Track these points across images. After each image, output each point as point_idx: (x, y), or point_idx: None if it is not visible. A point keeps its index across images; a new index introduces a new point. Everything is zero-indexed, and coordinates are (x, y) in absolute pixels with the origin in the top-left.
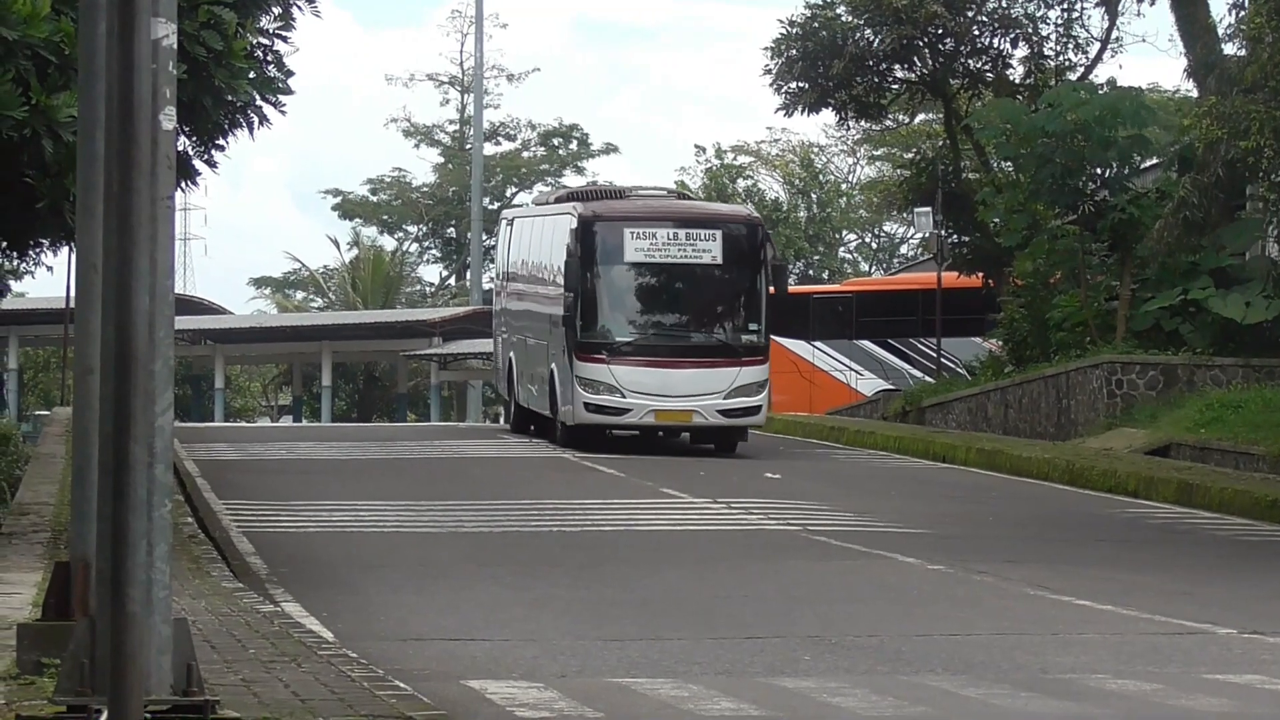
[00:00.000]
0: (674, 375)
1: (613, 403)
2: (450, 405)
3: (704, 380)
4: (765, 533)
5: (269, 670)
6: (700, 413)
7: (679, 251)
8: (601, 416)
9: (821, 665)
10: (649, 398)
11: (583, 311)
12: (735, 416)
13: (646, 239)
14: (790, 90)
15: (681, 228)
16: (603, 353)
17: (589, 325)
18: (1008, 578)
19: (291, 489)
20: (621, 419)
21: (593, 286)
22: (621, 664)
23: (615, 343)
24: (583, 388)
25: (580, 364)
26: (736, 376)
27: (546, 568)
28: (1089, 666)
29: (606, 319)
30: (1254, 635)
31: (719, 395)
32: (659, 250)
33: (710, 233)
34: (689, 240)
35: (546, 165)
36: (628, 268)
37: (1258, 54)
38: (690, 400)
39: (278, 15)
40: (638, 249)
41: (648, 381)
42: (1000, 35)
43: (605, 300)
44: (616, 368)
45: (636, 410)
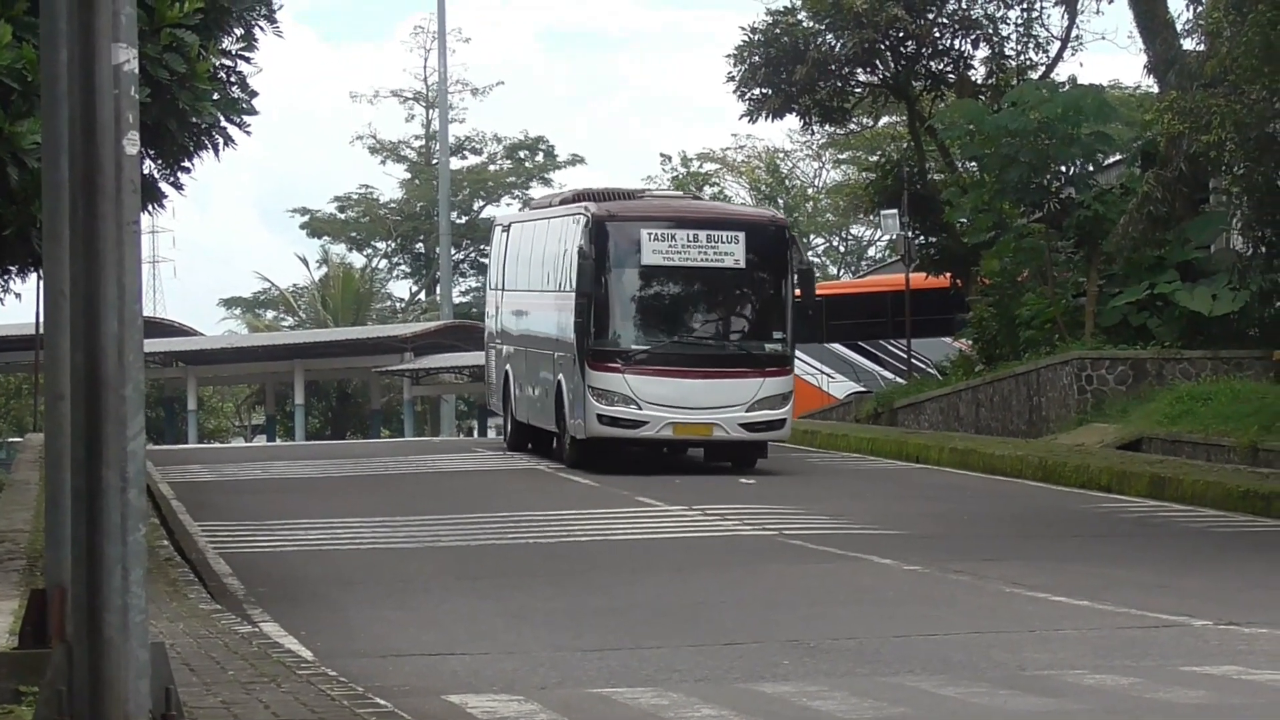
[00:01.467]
0: (693, 386)
1: (628, 415)
2: (424, 420)
3: (725, 391)
4: (741, 538)
5: (248, 691)
6: (721, 426)
7: (699, 254)
8: (615, 429)
9: (801, 669)
10: (666, 410)
11: (596, 318)
12: (758, 430)
13: (665, 241)
14: (754, 96)
15: (702, 229)
16: (617, 361)
17: (602, 332)
18: (984, 576)
19: (267, 508)
20: (637, 432)
21: (607, 291)
22: (601, 674)
23: (631, 351)
24: (596, 399)
25: (593, 373)
26: (760, 388)
27: (525, 579)
28: (1066, 662)
29: (621, 326)
30: (1230, 626)
31: (741, 408)
32: (678, 253)
33: (733, 235)
34: (710, 243)
35: (513, 178)
36: (645, 271)
37: (1217, 48)
38: (710, 413)
39: (240, 36)
40: (655, 251)
41: (665, 392)
42: (961, 36)
43: (620, 306)
44: (632, 377)
45: (653, 423)
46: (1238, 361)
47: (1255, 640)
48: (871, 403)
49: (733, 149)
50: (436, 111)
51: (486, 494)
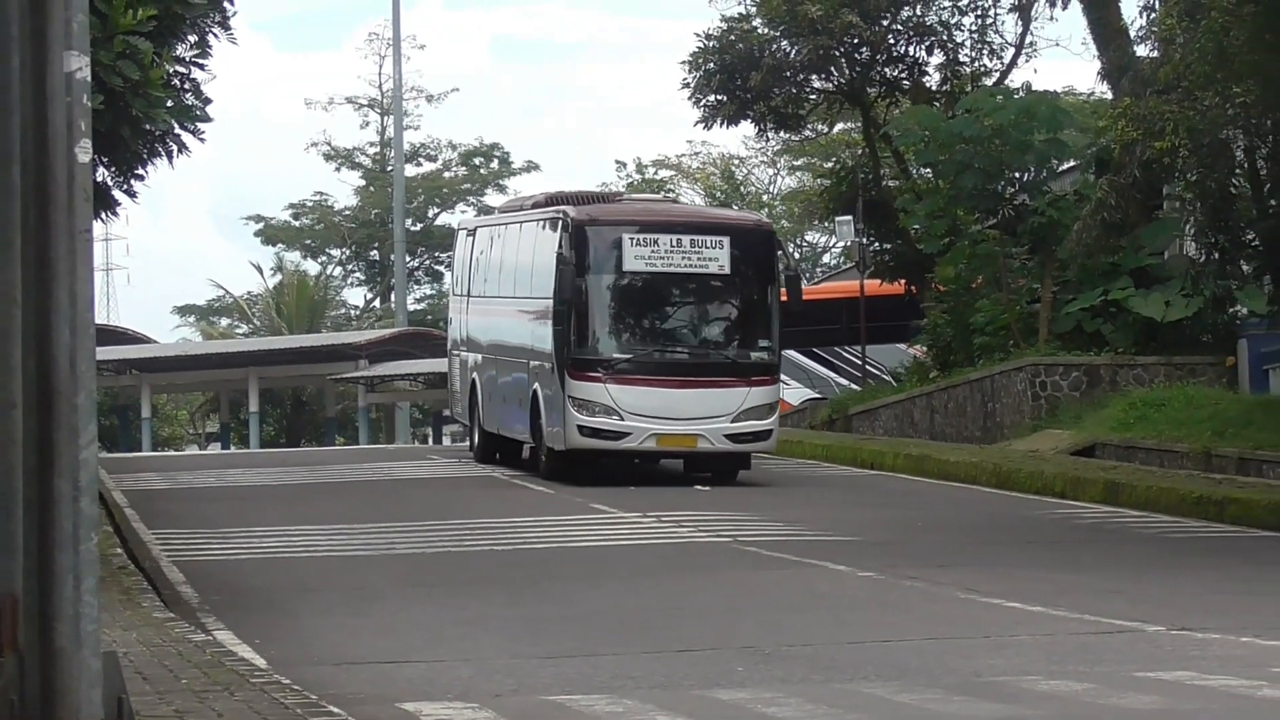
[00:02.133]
0: (677, 396)
1: (609, 425)
2: (379, 427)
3: (710, 401)
4: (696, 545)
5: (202, 700)
6: (706, 437)
7: (683, 260)
8: (596, 441)
9: (756, 676)
10: (650, 420)
11: (576, 325)
12: (744, 441)
13: (647, 246)
14: (709, 103)
15: (686, 234)
16: (598, 371)
17: (583, 341)
18: (938, 582)
19: (222, 516)
20: (619, 444)
21: (587, 298)
22: (557, 681)
23: (612, 360)
24: (576, 409)
25: (573, 383)
26: (745, 398)
27: (480, 587)
28: (1021, 668)
29: (603, 334)
30: (1183, 632)
31: (726, 418)
32: (661, 258)
33: (717, 239)
34: (694, 248)
35: (468, 185)
36: (626, 277)
37: (1170, 55)
38: (695, 424)
39: (194, 43)
40: (638, 257)
41: (648, 403)
42: (916, 43)
43: (601, 313)
44: (614, 387)
45: (636, 434)
46: (1191, 367)
47: (1208, 645)
48: (826, 409)
49: (688, 156)
50: (391, 118)
51: (442, 501)
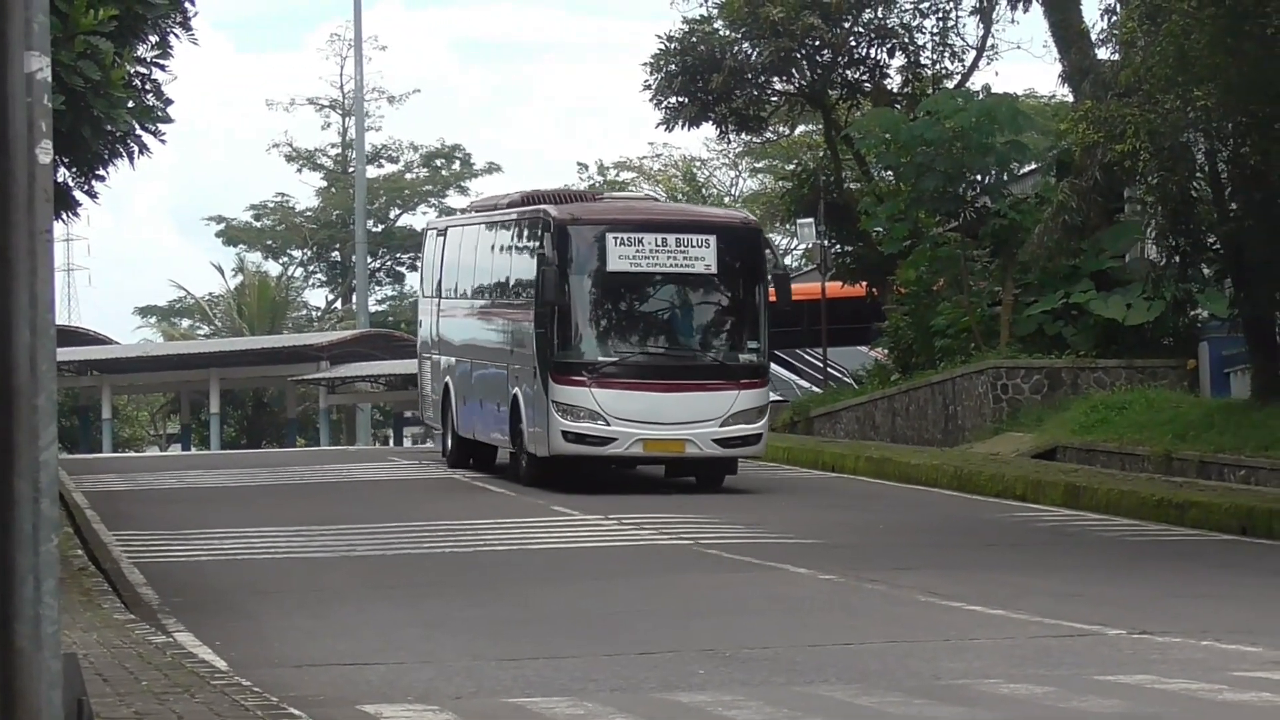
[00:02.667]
0: (664, 400)
1: (595, 431)
2: (340, 429)
3: (698, 405)
4: (657, 548)
5: (162, 702)
6: (694, 442)
7: (669, 260)
8: (581, 447)
9: (716, 679)
10: (636, 425)
11: (559, 328)
12: (732, 446)
13: (632, 245)
14: (671, 105)
15: (671, 233)
16: (583, 374)
17: (567, 344)
18: (899, 585)
19: (182, 518)
20: (605, 449)
21: (570, 300)
22: (517, 683)
23: (598, 363)
24: (560, 414)
25: (557, 387)
26: (734, 401)
27: (441, 589)
28: (981, 671)
29: (587, 336)
30: (1143, 635)
31: (714, 422)
32: (646, 258)
33: (703, 238)
34: (680, 247)
35: (430, 186)
36: (611, 278)
37: (1131, 58)
38: (683, 428)
39: (155, 44)
40: (622, 257)
41: (635, 407)
42: (877, 45)
43: (585, 315)
44: (599, 391)
45: (622, 440)
46: (1152, 370)
47: (1168, 649)
48: (788, 412)
49: (649, 158)
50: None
51: (403, 503)
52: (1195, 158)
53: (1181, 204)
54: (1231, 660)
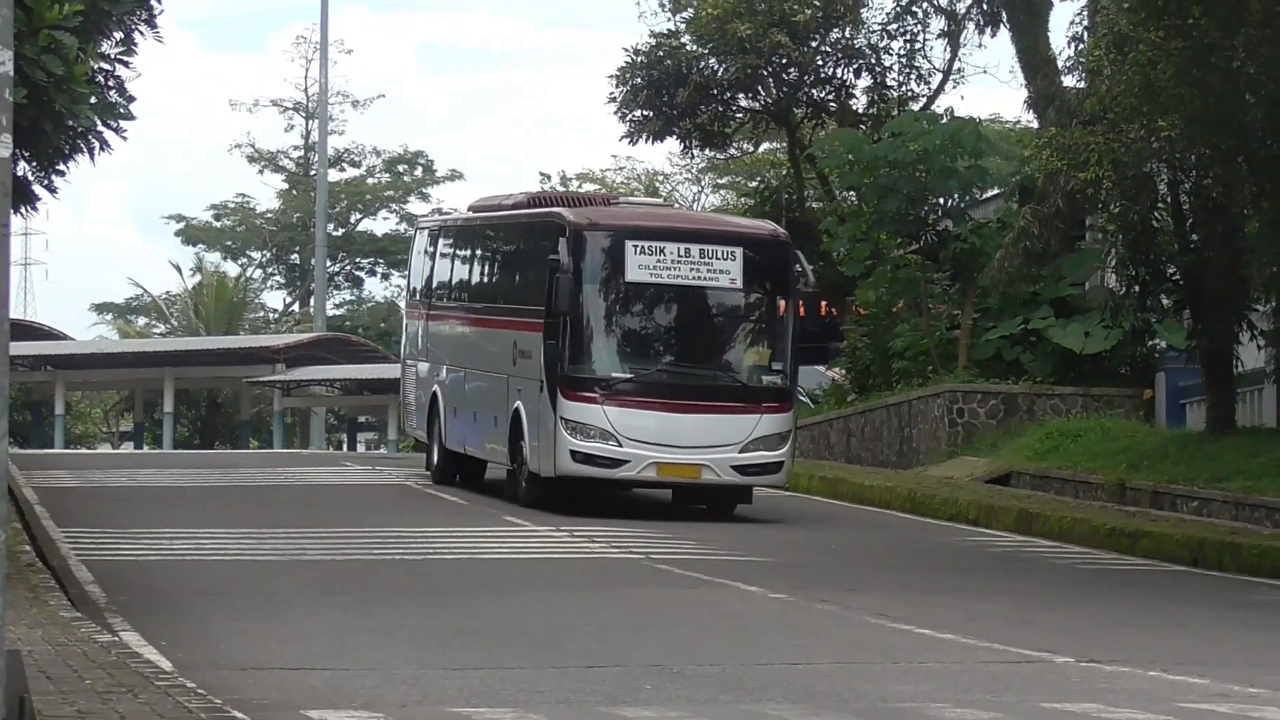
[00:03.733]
0: (681, 421)
1: (606, 452)
2: (294, 432)
3: (717, 429)
4: (608, 561)
5: (105, 701)
6: (711, 468)
7: (691, 271)
8: (591, 468)
9: (663, 695)
10: (650, 447)
11: (572, 340)
12: (752, 474)
13: (653, 255)
14: (635, 118)
15: (695, 243)
16: (595, 391)
17: (579, 357)
18: (849, 606)
19: (133, 517)
20: (615, 472)
21: (585, 310)
22: (463, 693)
23: (611, 379)
24: (569, 432)
25: (567, 404)
26: (756, 425)
27: (390, 596)
28: (929, 695)
29: (601, 350)
30: (1091, 664)
31: (734, 447)
32: (667, 269)
33: (729, 250)
34: (703, 259)
35: (391, 191)
36: (629, 289)
37: (1096, 86)
38: (700, 452)
39: (120, 40)
40: (642, 266)
41: (649, 427)
42: (844, 65)
43: (600, 327)
44: (612, 410)
45: (635, 462)
46: (1108, 399)
47: (1116, 678)
48: None
49: (612, 170)
50: (316, 122)
51: (354, 508)
52: (1158, 188)
53: (1142, 234)
54: (1179, 691)
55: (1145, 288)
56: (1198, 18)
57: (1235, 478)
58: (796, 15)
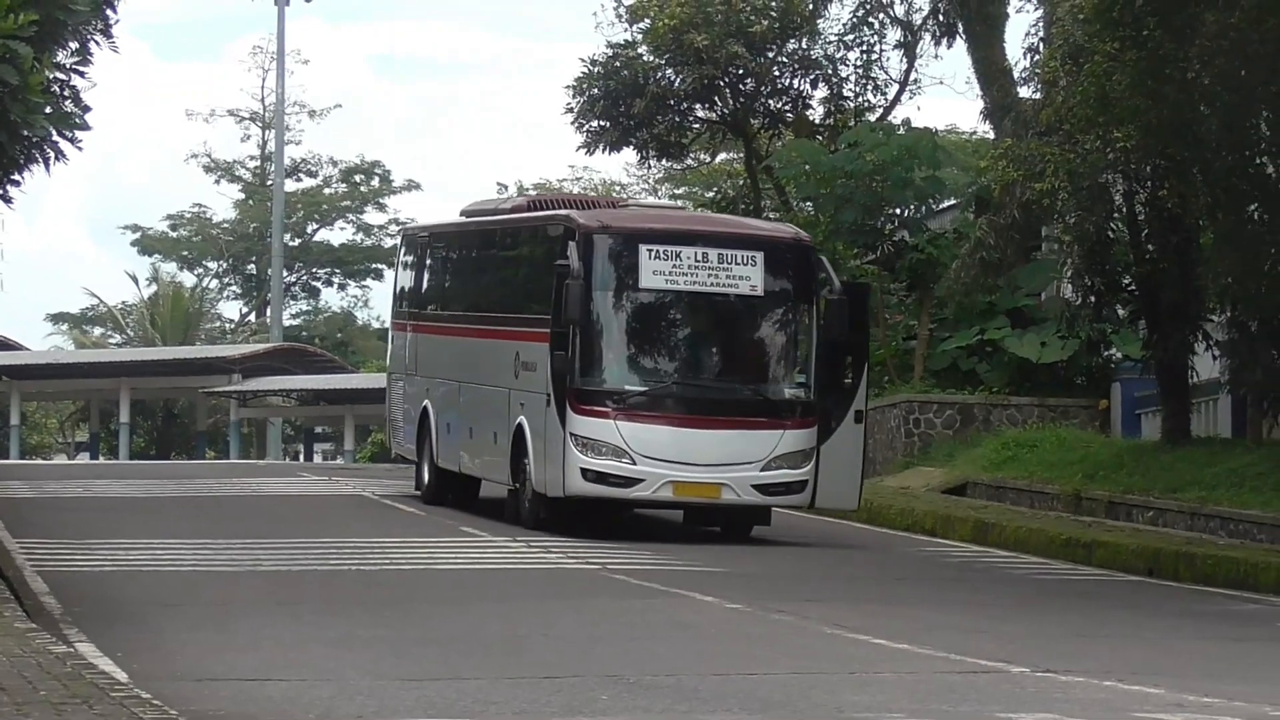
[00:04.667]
0: (700, 437)
1: (619, 470)
2: (250, 443)
3: (738, 445)
4: (565, 571)
5: (59, 713)
6: (731, 487)
7: (709, 278)
8: (603, 488)
9: (619, 705)
10: (666, 465)
11: (582, 352)
12: (774, 494)
13: (669, 260)
14: (592, 129)
15: (714, 247)
16: (608, 405)
17: (590, 369)
18: (805, 616)
19: (88, 527)
20: (629, 492)
21: (596, 319)
22: (419, 704)
23: (624, 392)
24: (580, 449)
25: (577, 418)
26: (779, 442)
27: (345, 607)
28: (884, 705)
29: (614, 361)
30: (1047, 674)
31: (755, 465)
32: (684, 275)
33: (750, 255)
34: (722, 264)
35: (348, 202)
36: (643, 296)
37: (1052, 97)
38: (719, 470)
39: (75, 50)
40: (657, 272)
41: (665, 444)
42: (800, 76)
43: (613, 338)
44: (625, 425)
45: (650, 481)
46: (1064, 409)
47: (1071, 689)
48: None
49: (569, 180)
50: (273, 132)
51: (310, 519)
52: (1113, 199)
53: (1098, 244)
54: (1134, 701)
55: (1101, 298)
56: (1153, 29)
57: (1190, 488)
58: (753, 26)
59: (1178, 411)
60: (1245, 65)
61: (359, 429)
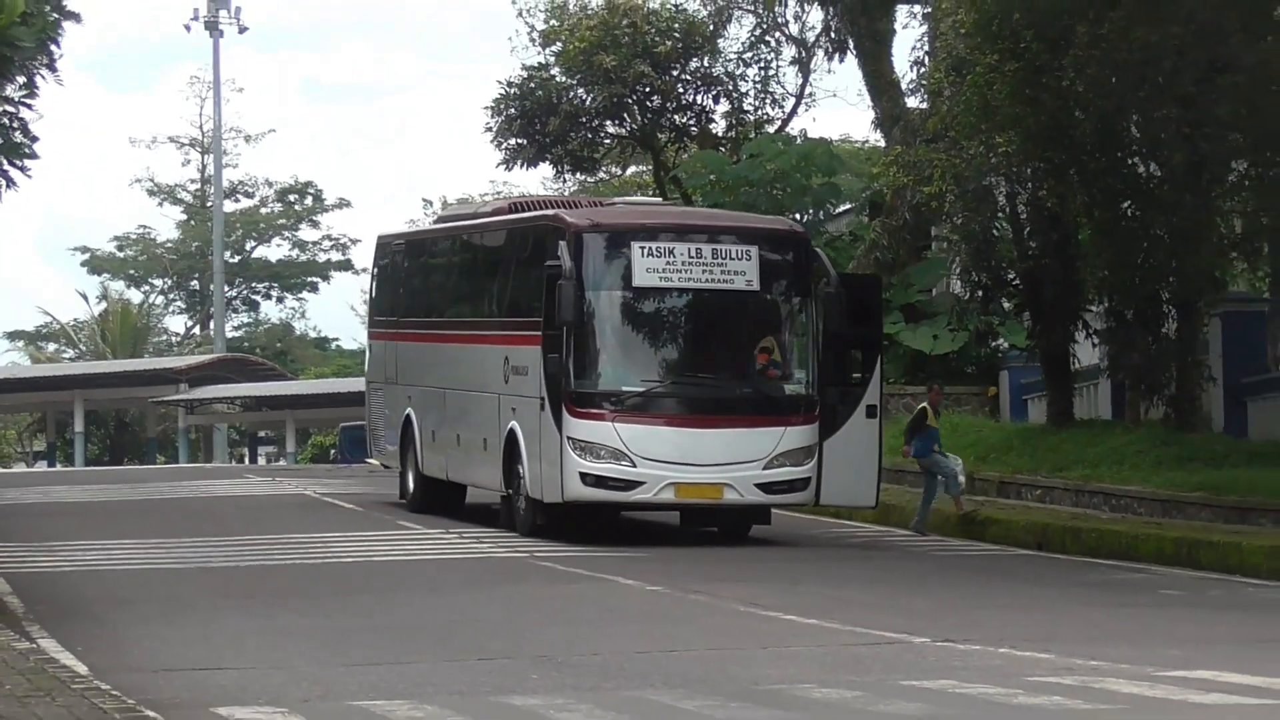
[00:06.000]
0: (700, 437)
1: (619, 473)
2: (198, 448)
3: (739, 444)
4: (495, 560)
5: (24, 705)
6: (733, 487)
7: (704, 274)
8: (602, 491)
9: (548, 683)
10: (667, 467)
11: (577, 353)
12: (777, 492)
13: (662, 257)
14: (510, 146)
15: (707, 242)
16: (605, 407)
17: (585, 371)
18: (721, 596)
19: (47, 531)
20: (630, 495)
21: (590, 319)
22: (362, 688)
23: (622, 394)
24: (578, 453)
25: (574, 422)
26: (780, 439)
27: (290, 599)
28: (796, 677)
29: (610, 362)
30: (946, 643)
31: (757, 464)
32: (678, 271)
33: (745, 249)
34: (717, 259)
35: (284, 220)
36: (638, 295)
37: (938, 107)
38: (721, 471)
39: (22, 84)
40: (650, 270)
41: (665, 445)
42: (703, 92)
43: (608, 337)
44: (624, 427)
45: (650, 483)
46: (957, 397)
47: (969, 656)
48: None
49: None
50: (211, 157)
51: (255, 518)
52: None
53: (984, 243)
54: (1026, 666)
55: (988, 293)
56: (1030, 42)
57: (1075, 467)
58: (658, 47)
59: (1061, 396)
60: (1116, 73)
61: (300, 432)
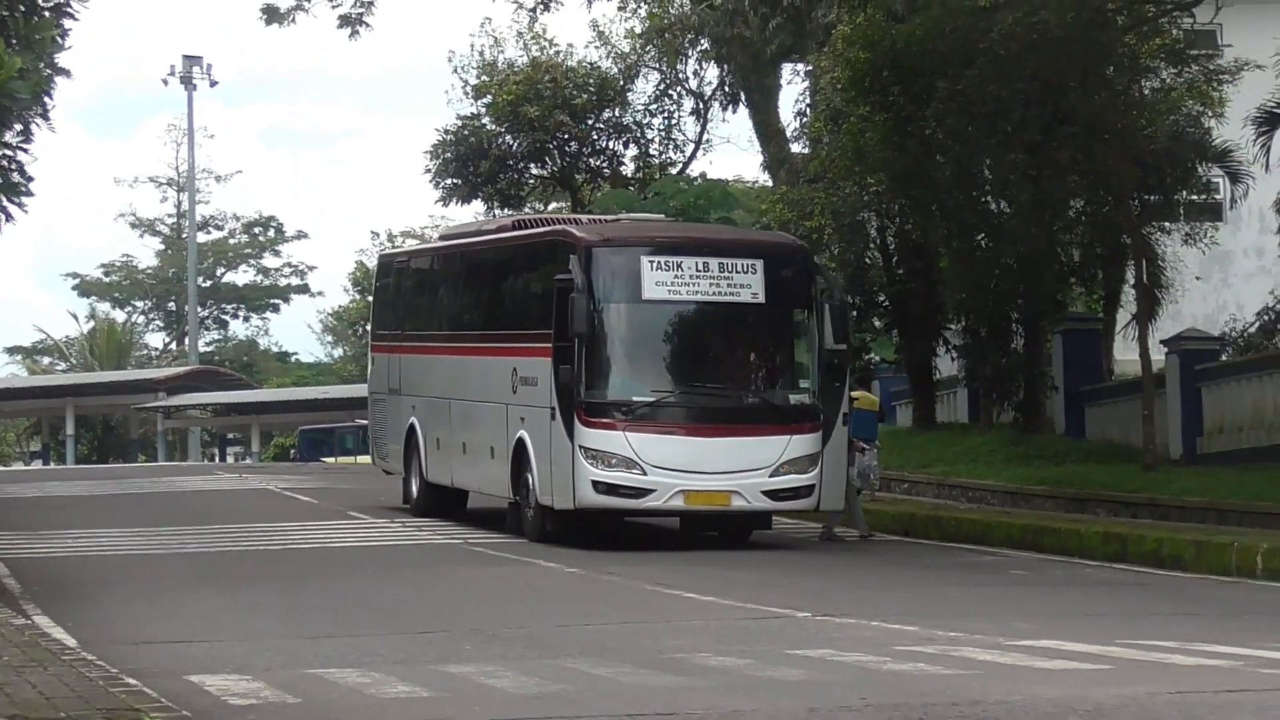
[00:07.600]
0: (709, 446)
1: (630, 481)
2: (174, 448)
3: (746, 452)
4: (435, 546)
5: (19, 674)
6: (741, 494)
7: (711, 287)
8: (614, 499)
9: (481, 653)
10: (677, 475)
11: (588, 364)
12: (783, 499)
13: (670, 270)
14: (447, 185)
15: (714, 256)
16: (616, 416)
17: (596, 382)
18: (632, 577)
19: (42, 521)
20: (641, 502)
21: (601, 331)
22: (318, 658)
23: (632, 404)
24: (590, 461)
25: (585, 431)
26: (786, 447)
27: (254, 580)
28: (695, 647)
29: (620, 373)
30: (826, 618)
31: (764, 471)
32: (686, 285)
33: (750, 263)
34: (724, 273)
35: (250, 249)
36: (646, 308)
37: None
38: (729, 478)
39: (20, 130)
40: (659, 283)
41: (675, 453)
42: (615, 139)
43: (618, 349)
44: (634, 436)
45: (660, 491)
46: None
47: (846, 629)
48: None
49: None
50: (186, 194)
51: (223, 510)
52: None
53: (858, 269)
54: (895, 637)
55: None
56: (897, 95)
57: (936, 464)
58: (575, 99)
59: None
60: (971, 123)
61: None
